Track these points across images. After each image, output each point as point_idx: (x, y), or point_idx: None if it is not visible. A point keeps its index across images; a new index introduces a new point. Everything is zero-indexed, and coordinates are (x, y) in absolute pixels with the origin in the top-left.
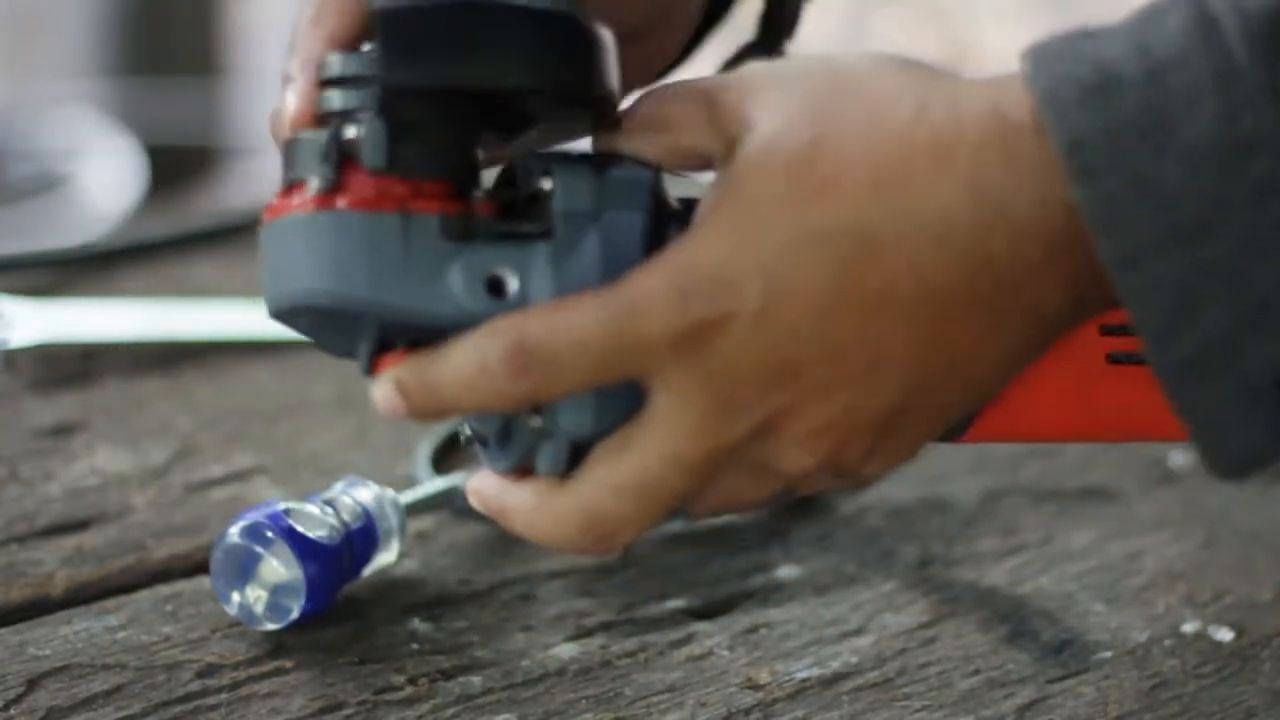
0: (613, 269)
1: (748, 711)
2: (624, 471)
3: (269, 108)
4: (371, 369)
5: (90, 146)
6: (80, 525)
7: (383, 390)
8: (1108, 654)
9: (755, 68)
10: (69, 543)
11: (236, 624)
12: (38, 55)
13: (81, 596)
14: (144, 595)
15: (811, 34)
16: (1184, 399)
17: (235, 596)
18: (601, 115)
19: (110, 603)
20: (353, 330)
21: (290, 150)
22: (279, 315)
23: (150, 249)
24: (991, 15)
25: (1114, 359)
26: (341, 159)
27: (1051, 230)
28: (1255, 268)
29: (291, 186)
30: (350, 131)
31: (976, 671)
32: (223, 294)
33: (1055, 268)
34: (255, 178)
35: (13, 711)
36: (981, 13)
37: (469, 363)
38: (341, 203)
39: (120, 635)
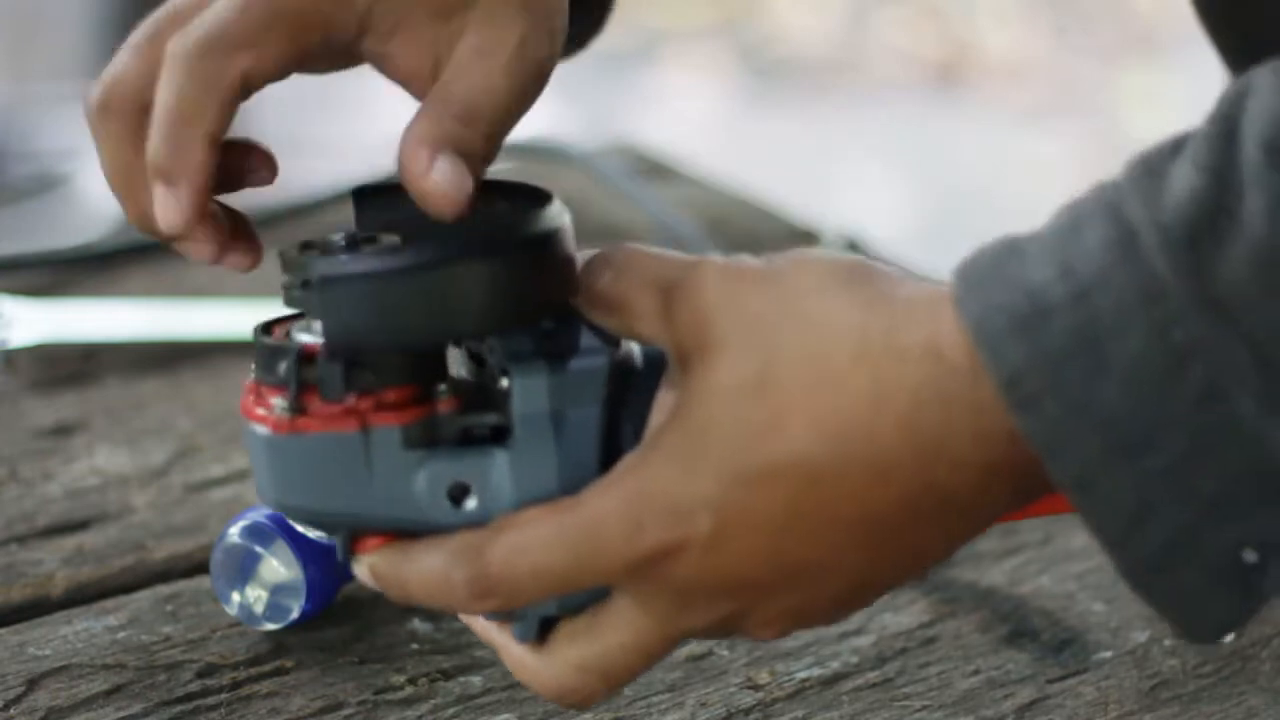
0: (570, 471)
1: (748, 711)
2: (588, 655)
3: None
4: (348, 556)
5: (90, 146)
6: (80, 525)
7: (360, 572)
8: (1108, 654)
9: (708, 275)
10: (69, 543)
11: (236, 624)
12: (38, 55)
13: (81, 596)
14: (144, 595)
15: (812, 34)
16: (1149, 592)
17: (235, 596)
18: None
19: (110, 603)
20: (327, 528)
21: (260, 352)
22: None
23: (150, 249)
24: (991, 15)
25: None
26: (302, 384)
27: (993, 456)
28: (1204, 469)
29: (261, 387)
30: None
31: (976, 671)
32: (223, 294)
33: (1000, 480)
34: None
35: (13, 711)
36: (981, 13)
37: (435, 578)
38: (303, 425)
39: (120, 635)
